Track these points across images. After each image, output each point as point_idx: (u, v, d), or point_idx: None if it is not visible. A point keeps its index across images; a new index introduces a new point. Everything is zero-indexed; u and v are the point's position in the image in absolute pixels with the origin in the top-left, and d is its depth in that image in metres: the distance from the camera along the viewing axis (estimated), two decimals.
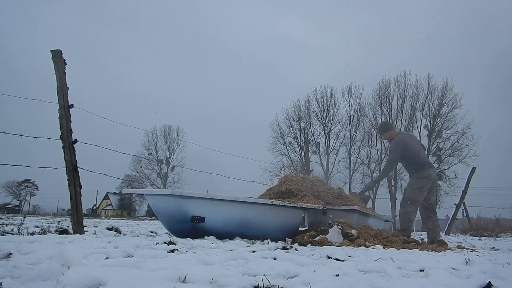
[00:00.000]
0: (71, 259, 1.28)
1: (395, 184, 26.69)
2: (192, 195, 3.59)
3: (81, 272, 1.20)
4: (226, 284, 1.32)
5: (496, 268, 1.91)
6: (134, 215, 52.47)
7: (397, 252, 2.72)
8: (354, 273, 1.66)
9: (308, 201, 4.35)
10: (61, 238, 2.82)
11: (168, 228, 3.89)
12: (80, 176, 3.78)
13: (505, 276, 1.54)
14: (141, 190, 4.88)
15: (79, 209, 3.72)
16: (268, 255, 2.22)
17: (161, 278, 1.32)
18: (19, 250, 1.95)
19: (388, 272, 1.66)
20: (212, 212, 3.68)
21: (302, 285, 1.39)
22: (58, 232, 3.71)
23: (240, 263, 1.83)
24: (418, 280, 1.52)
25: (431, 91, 28.08)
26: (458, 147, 26.84)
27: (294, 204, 4.30)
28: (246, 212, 3.90)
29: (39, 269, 1.26)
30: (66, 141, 3.75)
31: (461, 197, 9.90)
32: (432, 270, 1.73)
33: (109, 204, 61.09)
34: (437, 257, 2.38)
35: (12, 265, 1.46)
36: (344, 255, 2.34)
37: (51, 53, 3.89)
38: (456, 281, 1.50)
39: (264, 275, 1.46)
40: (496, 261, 2.38)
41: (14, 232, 3.61)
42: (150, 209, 15.21)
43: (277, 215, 4.15)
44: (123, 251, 2.06)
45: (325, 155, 30.49)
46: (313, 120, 30.83)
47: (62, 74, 3.88)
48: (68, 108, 3.82)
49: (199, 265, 1.75)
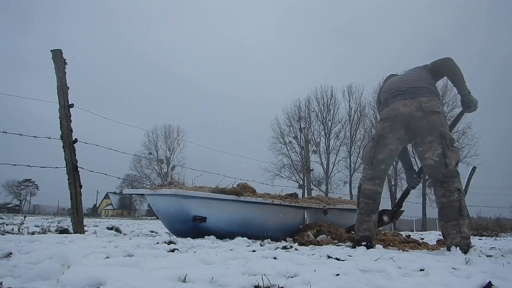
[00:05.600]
0: (71, 258, 1.28)
1: (395, 183, 26.69)
2: (194, 194, 3.58)
3: (81, 271, 1.20)
4: (226, 284, 1.32)
5: (497, 267, 1.91)
6: (134, 215, 52.50)
7: (397, 252, 2.72)
8: (354, 273, 1.66)
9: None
10: (61, 238, 2.82)
11: (169, 228, 3.89)
12: (80, 175, 3.78)
13: (506, 276, 1.54)
14: (142, 190, 4.87)
15: (79, 209, 3.72)
16: (268, 254, 2.22)
17: (161, 278, 1.32)
18: (20, 249, 1.95)
19: (388, 272, 1.66)
20: (213, 211, 3.68)
21: (302, 284, 1.39)
22: (58, 232, 3.71)
23: (240, 263, 1.83)
24: (418, 280, 1.52)
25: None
26: (458, 147, 26.86)
27: (295, 204, 4.31)
28: (248, 211, 3.90)
29: (39, 269, 1.25)
30: (67, 140, 3.75)
31: None
32: (432, 269, 1.73)
33: (109, 203, 61.15)
34: (437, 257, 2.38)
35: (12, 264, 1.46)
36: (344, 254, 2.34)
37: (51, 52, 3.90)
38: (456, 281, 1.50)
39: (264, 275, 1.46)
40: (497, 261, 2.38)
41: (14, 232, 3.61)
42: (150, 209, 15.22)
43: (278, 214, 4.15)
44: (123, 250, 2.06)
45: (325, 155, 30.52)
46: (313, 120, 30.89)
47: (62, 74, 3.88)
48: (68, 107, 3.82)
49: (199, 265, 1.75)
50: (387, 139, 3.17)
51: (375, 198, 3.17)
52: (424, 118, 3.04)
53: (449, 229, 2.84)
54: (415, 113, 3.07)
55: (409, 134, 3.15)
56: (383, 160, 3.18)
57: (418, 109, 3.07)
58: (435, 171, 2.97)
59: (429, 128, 3.02)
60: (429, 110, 3.04)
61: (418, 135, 3.08)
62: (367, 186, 3.19)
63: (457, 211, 2.83)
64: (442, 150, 2.94)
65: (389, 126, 3.17)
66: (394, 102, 3.21)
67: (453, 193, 2.88)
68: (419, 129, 3.06)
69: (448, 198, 2.88)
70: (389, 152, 3.17)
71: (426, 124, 3.03)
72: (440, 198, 2.93)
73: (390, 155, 3.18)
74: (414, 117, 3.07)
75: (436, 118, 3.04)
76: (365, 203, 3.17)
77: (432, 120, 3.03)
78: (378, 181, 3.20)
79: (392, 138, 3.16)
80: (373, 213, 3.15)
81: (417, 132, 3.08)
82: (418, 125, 3.06)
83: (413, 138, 3.14)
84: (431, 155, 2.98)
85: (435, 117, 3.03)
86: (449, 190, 2.89)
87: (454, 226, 2.82)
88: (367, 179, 3.22)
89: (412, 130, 3.10)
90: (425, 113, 3.04)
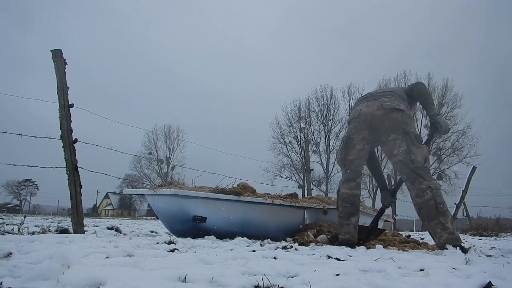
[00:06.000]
0: (71, 258, 1.28)
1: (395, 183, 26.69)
2: (194, 194, 3.58)
3: (81, 271, 1.20)
4: (226, 284, 1.32)
5: (497, 267, 1.91)
6: (135, 215, 52.51)
7: (397, 252, 2.72)
8: (354, 273, 1.66)
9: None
10: (61, 238, 2.82)
11: (169, 228, 3.89)
12: (80, 175, 3.78)
13: (506, 276, 1.54)
14: (142, 190, 4.87)
15: (79, 209, 3.72)
16: (268, 254, 2.22)
17: (161, 278, 1.32)
18: (20, 249, 1.95)
19: (388, 272, 1.66)
20: (213, 211, 3.67)
21: (303, 284, 1.39)
22: (58, 232, 3.71)
23: (240, 263, 1.83)
24: (418, 280, 1.52)
25: (431, 91, 28.09)
26: (459, 147, 26.86)
27: (295, 204, 4.31)
28: (248, 211, 3.90)
29: (39, 269, 1.25)
30: (66, 140, 3.75)
31: (461, 197, 9.89)
32: (432, 269, 1.73)
33: (109, 203, 61.13)
34: (437, 257, 2.38)
35: (12, 264, 1.46)
36: (344, 254, 2.34)
37: (51, 52, 3.90)
38: (457, 281, 1.50)
39: (264, 275, 1.46)
40: (497, 261, 2.38)
41: (14, 232, 3.61)
42: (150, 209, 15.22)
43: (278, 214, 4.15)
44: (123, 250, 2.06)
45: (325, 155, 30.54)
46: (313, 120, 30.91)
47: (62, 74, 3.88)
48: (68, 107, 3.82)
49: (199, 265, 1.75)
50: (353, 140, 3.22)
51: (353, 201, 3.19)
52: (385, 116, 3.08)
53: (434, 228, 2.84)
54: (376, 112, 3.12)
55: (372, 134, 3.17)
56: (353, 161, 3.22)
57: (379, 108, 3.13)
58: (404, 168, 2.96)
59: (391, 126, 3.05)
60: (389, 108, 3.09)
61: (382, 133, 3.10)
62: (344, 190, 3.22)
63: (434, 209, 2.83)
64: (407, 147, 2.96)
65: (354, 127, 3.24)
66: (359, 105, 3.32)
67: (426, 191, 2.86)
68: (382, 128, 3.09)
69: (422, 198, 2.87)
70: (357, 153, 3.21)
71: (388, 122, 3.07)
72: (414, 199, 2.93)
73: (359, 155, 3.21)
74: (375, 116, 3.12)
75: (398, 115, 3.06)
76: (343, 207, 3.20)
77: (393, 117, 3.06)
78: (353, 183, 3.22)
79: (357, 139, 3.21)
80: (352, 216, 3.17)
81: (380, 131, 3.11)
82: (380, 123, 3.10)
83: (377, 137, 3.16)
84: (397, 151, 2.99)
85: (397, 115, 3.06)
86: (421, 189, 2.88)
87: (437, 224, 2.82)
88: (343, 182, 3.27)
89: (375, 129, 3.14)
90: (386, 111, 3.09)
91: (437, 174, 27.76)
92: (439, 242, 2.84)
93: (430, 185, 2.87)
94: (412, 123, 3.14)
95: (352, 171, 3.22)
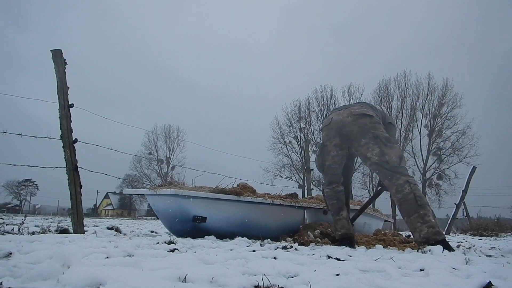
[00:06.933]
0: (71, 258, 1.28)
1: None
2: (194, 194, 3.58)
3: (81, 271, 1.20)
4: (226, 284, 1.31)
5: (497, 267, 1.91)
6: (135, 215, 52.51)
7: (397, 252, 2.72)
8: (354, 273, 1.65)
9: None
10: (61, 238, 2.82)
11: (169, 228, 3.89)
12: (80, 175, 3.78)
13: (506, 276, 1.54)
14: (142, 190, 4.87)
15: (79, 209, 3.72)
16: (268, 254, 2.22)
17: (161, 278, 1.32)
18: (20, 249, 1.95)
19: (388, 272, 1.66)
20: (213, 211, 3.67)
21: (303, 284, 1.39)
22: (58, 232, 3.71)
23: (240, 263, 1.83)
24: (418, 280, 1.52)
25: (431, 91, 28.14)
26: (459, 147, 26.84)
27: (295, 204, 4.30)
28: (248, 211, 3.90)
29: (39, 269, 1.25)
30: (66, 140, 3.75)
31: (461, 197, 9.89)
32: (432, 269, 1.73)
33: (109, 203, 61.13)
34: (437, 257, 2.38)
35: (12, 264, 1.46)
36: (344, 254, 2.34)
37: (51, 52, 3.90)
38: (457, 281, 1.50)
39: (264, 275, 1.46)
40: (497, 261, 2.38)
41: (14, 232, 3.61)
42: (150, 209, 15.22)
43: (278, 214, 4.15)
44: (123, 250, 2.06)
45: None
46: (313, 120, 30.87)
47: (62, 74, 3.88)
48: (69, 107, 3.82)
49: (199, 265, 1.75)
50: (327, 147, 3.35)
51: (338, 196, 3.36)
52: (354, 122, 3.19)
53: (414, 223, 2.85)
54: (346, 119, 3.25)
55: (344, 140, 3.28)
56: (330, 166, 3.35)
57: (348, 115, 3.26)
58: (380, 168, 3.05)
59: (361, 132, 3.16)
60: (358, 113, 3.21)
61: (353, 139, 3.22)
62: (328, 190, 3.42)
63: (413, 203, 2.86)
64: (380, 149, 3.04)
65: (326, 134, 3.37)
66: (331, 113, 3.46)
67: (404, 186, 2.91)
68: (352, 134, 3.20)
69: (401, 193, 2.92)
70: (332, 158, 3.34)
71: (357, 128, 3.17)
72: (395, 195, 2.98)
73: (334, 161, 3.34)
74: (345, 123, 3.24)
75: (366, 121, 3.16)
76: (331, 204, 3.40)
77: (362, 123, 3.16)
78: (335, 185, 3.38)
79: (330, 146, 3.33)
80: (341, 210, 3.34)
81: (351, 137, 3.23)
82: (350, 130, 3.22)
83: (350, 144, 3.27)
84: (371, 154, 3.09)
85: (365, 120, 3.17)
86: (399, 185, 2.94)
87: (417, 218, 2.83)
88: (326, 185, 3.44)
89: (346, 136, 3.26)
90: (355, 117, 3.20)
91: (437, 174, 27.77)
92: (419, 236, 2.82)
93: (407, 179, 2.95)
94: (382, 128, 3.22)
95: (332, 175, 3.38)
